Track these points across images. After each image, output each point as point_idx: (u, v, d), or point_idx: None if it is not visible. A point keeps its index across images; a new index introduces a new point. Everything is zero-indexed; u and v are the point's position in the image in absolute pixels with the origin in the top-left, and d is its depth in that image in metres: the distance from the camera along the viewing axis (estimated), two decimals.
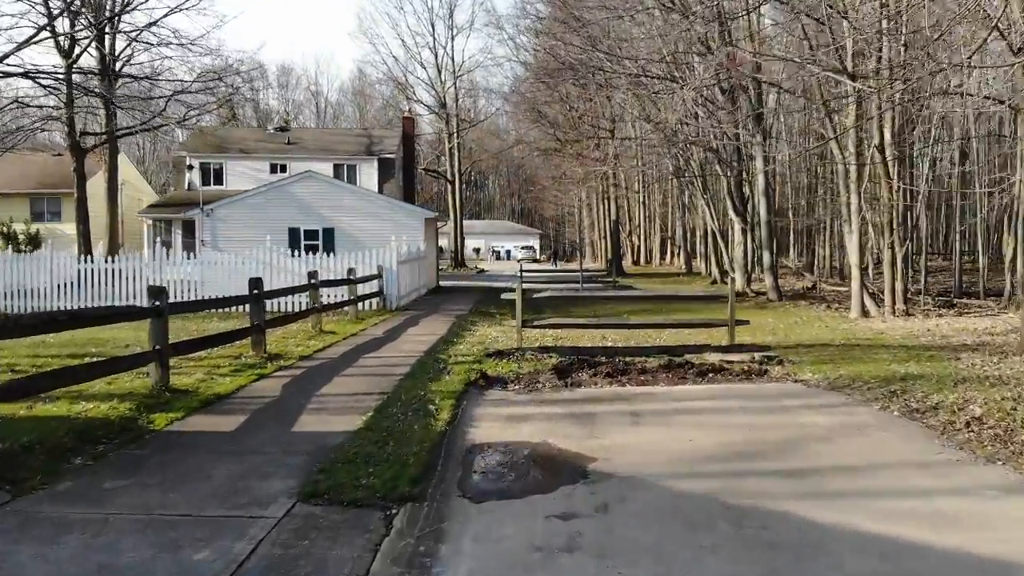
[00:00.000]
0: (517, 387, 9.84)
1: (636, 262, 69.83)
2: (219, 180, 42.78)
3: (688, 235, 58.32)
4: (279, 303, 19.39)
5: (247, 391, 9.09)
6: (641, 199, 71.32)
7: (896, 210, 19.54)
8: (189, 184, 43.11)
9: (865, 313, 19.36)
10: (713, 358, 11.54)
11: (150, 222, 41.00)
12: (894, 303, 19.40)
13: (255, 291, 11.40)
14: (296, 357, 11.68)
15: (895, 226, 19.55)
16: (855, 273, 19.66)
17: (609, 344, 13.60)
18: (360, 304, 20.31)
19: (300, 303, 19.58)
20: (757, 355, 11.65)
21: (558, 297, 13.86)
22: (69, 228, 38.20)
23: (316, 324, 14.70)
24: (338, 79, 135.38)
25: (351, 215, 28.02)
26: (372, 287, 20.85)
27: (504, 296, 12.87)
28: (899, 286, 19.72)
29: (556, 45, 34.75)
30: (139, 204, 45.47)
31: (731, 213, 29.92)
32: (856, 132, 19.53)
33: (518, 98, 54.73)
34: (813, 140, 43.18)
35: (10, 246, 37.49)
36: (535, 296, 12.96)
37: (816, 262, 46.52)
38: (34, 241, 39.47)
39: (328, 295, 19.90)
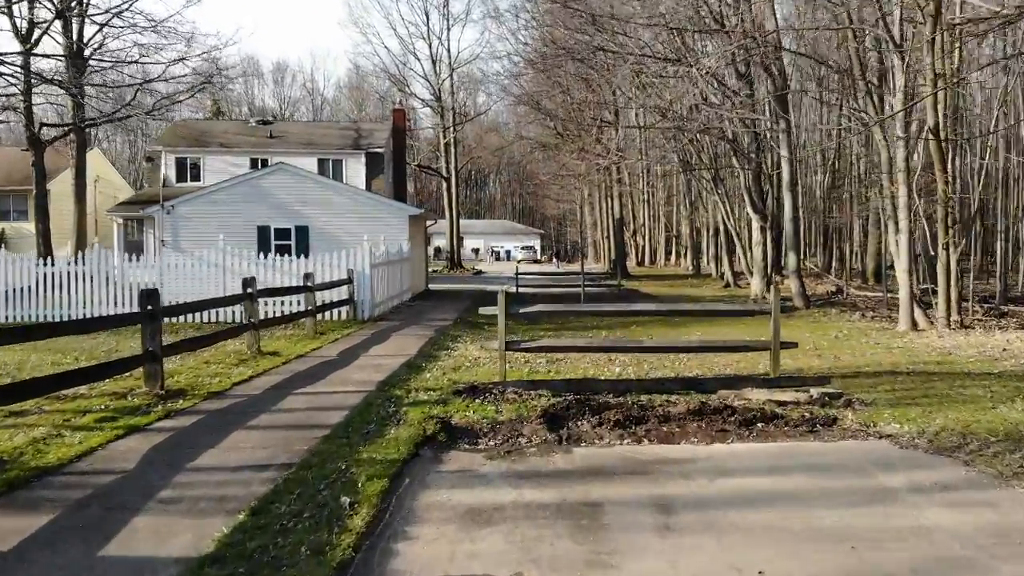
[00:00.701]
0: (491, 444, 7.01)
1: (640, 263, 66.98)
2: (196, 176, 39.95)
3: (695, 235, 55.48)
4: (215, 315, 16.63)
5: (92, 459, 6.24)
6: (645, 196, 68.48)
7: (950, 204, 16.65)
8: (164, 180, 40.30)
9: (915, 325, 16.50)
10: (757, 396, 8.68)
11: (120, 221, 38.18)
12: (949, 314, 16.51)
13: (149, 307, 8.54)
14: (203, 394, 8.83)
15: (950, 223, 16.65)
16: (903, 279, 16.77)
17: (618, 372, 10.74)
18: (328, 314, 17.51)
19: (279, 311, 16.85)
20: (813, 391, 8.78)
21: (553, 312, 10.97)
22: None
23: (253, 344, 11.86)
24: (334, 75, 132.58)
25: (327, 212, 25.19)
26: (341, 294, 18.03)
27: (484, 311, 10.06)
28: (954, 294, 16.84)
29: (555, 26, 31.89)
30: (116, 202, 42.73)
31: (749, 210, 27.04)
32: (904, 115, 16.65)
33: (519, 90, 51.83)
34: (833, 130, 40.28)
35: None
36: (522, 311, 10.14)
37: (832, 263, 43.66)
38: (1, 239, 36.75)
39: (282, 305, 17.10)
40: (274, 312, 17.05)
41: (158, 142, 42.56)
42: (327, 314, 17.63)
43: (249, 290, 11.82)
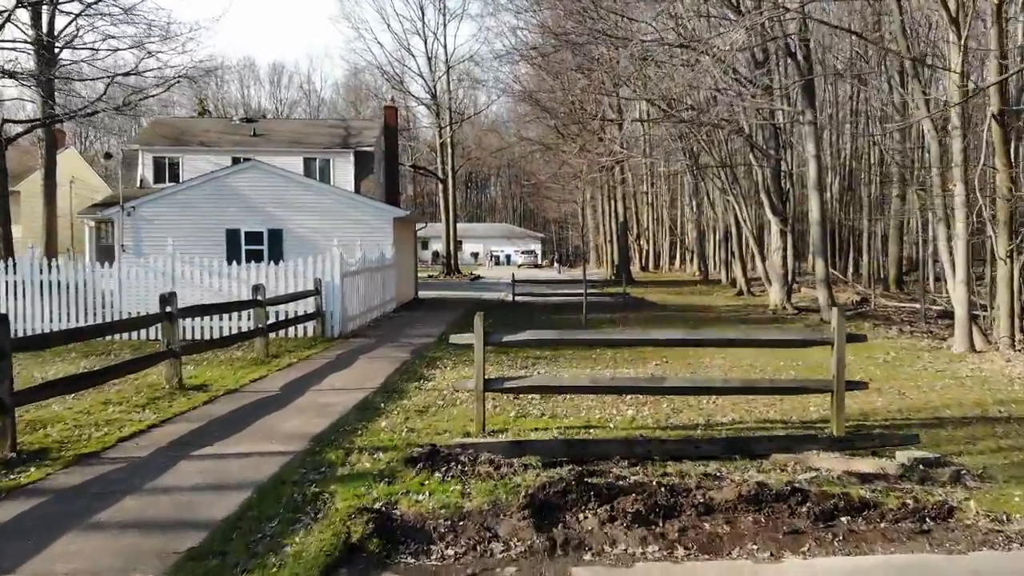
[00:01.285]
0: (449, 555, 4.63)
1: (644, 267, 64.59)
2: (175, 176, 37.57)
3: (702, 238, 53.08)
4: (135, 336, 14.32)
5: None
6: (649, 199, 66.12)
7: (1015, 204, 14.21)
8: (141, 181, 37.99)
9: (973, 347, 14.09)
10: (827, 465, 6.27)
11: (92, 224, 35.83)
12: (1013, 334, 14.08)
13: None
14: (70, 457, 6.44)
15: (1015, 227, 14.22)
16: (961, 293, 14.33)
17: (631, 417, 8.33)
18: (292, 330, 15.14)
19: (229, 328, 14.57)
20: (900, 455, 6.38)
21: (545, 341, 8.51)
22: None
23: (172, 375, 9.44)
24: (331, 77, 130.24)
25: (303, 214, 22.82)
26: (308, 306, 15.65)
27: (456, 340, 7.65)
28: (1017, 309, 14.42)
29: (555, 9, 29.53)
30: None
31: (768, 212, 24.62)
32: (962, 99, 14.21)
33: (518, 87, 49.42)
34: (855, 117, 37.93)
35: None
36: (506, 340, 7.72)
37: (848, 270, 41.24)
38: None
39: (229, 320, 14.77)
40: (211, 333, 14.70)
41: (135, 140, 40.28)
42: (291, 330, 15.25)
43: (168, 308, 9.40)
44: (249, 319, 13.90)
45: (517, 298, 26.98)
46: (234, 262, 16.60)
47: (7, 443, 6.32)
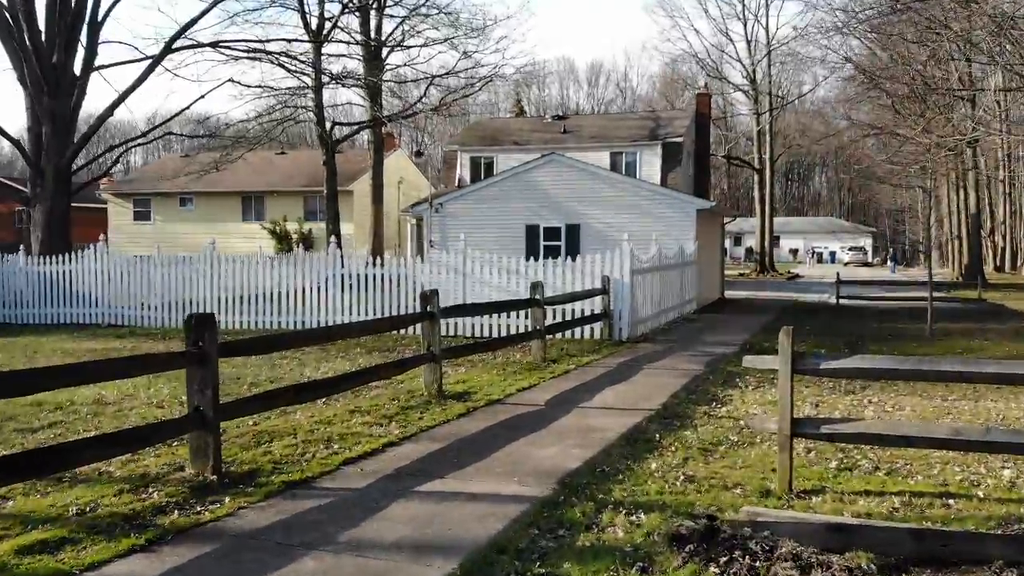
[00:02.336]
0: None
1: (999, 268, 55.02)
2: (489, 175, 38.92)
3: None
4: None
5: None
6: (1005, 188, 56.09)
7: None
8: (459, 180, 39.82)
9: None
10: None
11: (414, 221, 38.18)
12: None
13: (198, 343, 5.45)
14: (279, 483, 5.57)
15: None
16: None
17: (1011, 490, 5.71)
18: (576, 331, 13.95)
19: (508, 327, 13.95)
20: None
21: (883, 372, 6.03)
22: (342, 228, 36.37)
23: (432, 380, 8.54)
24: (647, 73, 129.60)
25: (600, 208, 21.70)
26: (592, 306, 14.36)
27: (749, 364, 5.69)
28: None
29: None
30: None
31: None
32: None
33: (851, 66, 44.20)
34: None
35: (285, 246, 36.80)
36: (824, 367, 5.53)
37: None
38: (306, 241, 38.45)
39: (509, 320, 13.89)
40: (489, 331, 13.93)
41: (454, 142, 42.34)
42: (575, 331, 14.05)
43: (428, 308, 8.51)
44: (527, 318, 12.88)
45: (841, 301, 23.47)
46: (519, 258, 15.80)
47: (208, 464, 5.58)
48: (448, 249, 20.73)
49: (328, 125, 30.77)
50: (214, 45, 22.78)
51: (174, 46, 21.32)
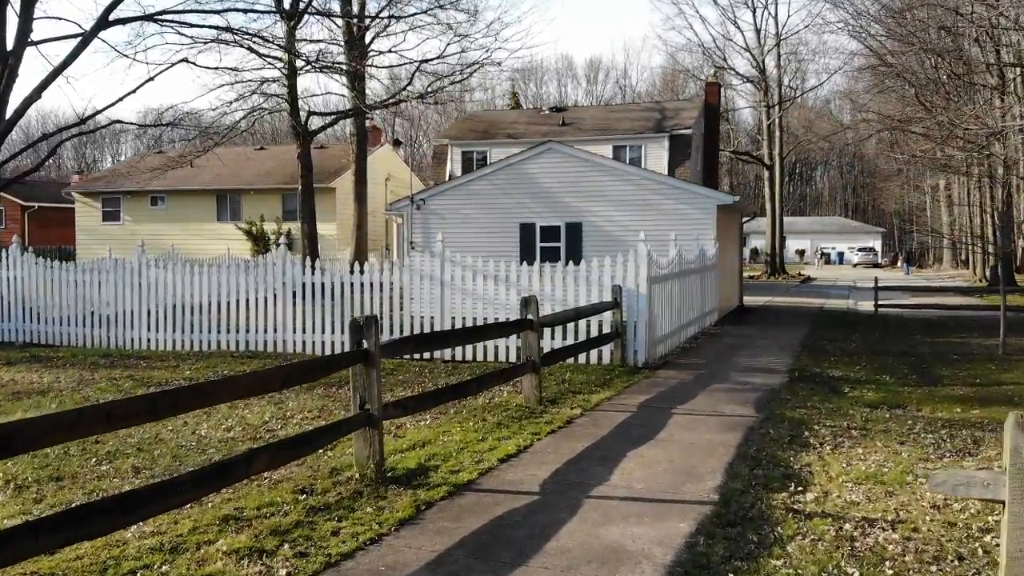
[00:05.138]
0: None
1: (1018, 269, 52.10)
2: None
3: None
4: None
5: None
6: None
7: None
8: (450, 176, 36.95)
9: None
10: None
11: (400, 221, 35.28)
12: None
13: None
14: None
15: None
16: None
17: None
18: (585, 356, 11.10)
19: (496, 348, 11.09)
20: None
21: None
22: (323, 228, 33.49)
23: (367, 455, 5.63)
24: (647, 70, 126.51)
25: (605, 203, 18.87)
26: (600, 322, 11.50)
27: (946, 488, 3.08)
28: None
29: None
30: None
31: None
32: None
33: (864, 57, 41.32)
34: None
35: (262, 247, 33.99)
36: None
37: None
38: (286, 241, 35.44)
39: (496, 340, 11.06)
40: (464, 356, 11.05)
41: (444, 135, 39.46)
42: (583, 356, 11.17)
43: (364, 344, 5.61)
44: (518, 339, 9.99)
45: (881, 309, 20.59)
46: (511, 263, 12.92)
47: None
48: (431, 252, 17.96)
49: (304, 115, 27.91)
50: (153, 18, 19.71)
51: (111, 18, 18.37)
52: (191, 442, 7.22)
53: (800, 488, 5.67)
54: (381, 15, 27.67)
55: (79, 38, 19.07)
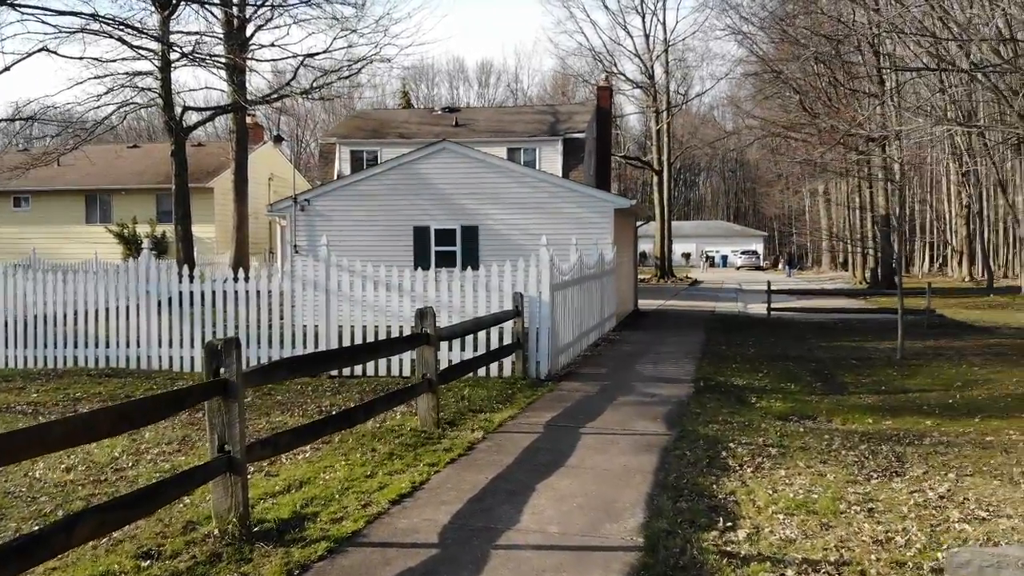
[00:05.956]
0: None
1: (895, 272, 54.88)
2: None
3: (974, 237, 43.60)
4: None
5: None
6: (890, 189, 56.14)
7: None
8: (338, 175, 35.51)
9: None
10: None
11: (284, 223, 33.61)
12: None
13: None
14: None
15: None
16: None
17: None
18: (484, 370, 10.32)
19: (389, 361, 10.15)
20: None
21: None
22: (201, 230, 31.43)
23: (231, 505, 4.68)
24: (538, 74, 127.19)
25: (502, 206, 18.20)
26: (503, 332, 10.77)
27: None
28: None
29: None
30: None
31: None
32: None
33: (752, 63, 42.39)
34: None
35: (134, 251, 31.68)
36: None
37: None
38: (160, 245, 33.16)
39: (388, 361, 10.17)
40: (354, 370, 10.11)
41: (331, 134, 38.00)
42: (483, 370, 10.39)
43: (222, 372, 4.61)
44: (407, 361, 9.13)
45: (773, 313, 20.70)
46: (407, 269, 12.04)
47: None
48: (316, 256, 16.79)
49: (179, 110, 26.06)
50: (11, 3, 17.77)
51: None
52: (21, 487, 6.04)
53: (729, 524, 5.07)
54: (263, 3, 26.09)
55: None
